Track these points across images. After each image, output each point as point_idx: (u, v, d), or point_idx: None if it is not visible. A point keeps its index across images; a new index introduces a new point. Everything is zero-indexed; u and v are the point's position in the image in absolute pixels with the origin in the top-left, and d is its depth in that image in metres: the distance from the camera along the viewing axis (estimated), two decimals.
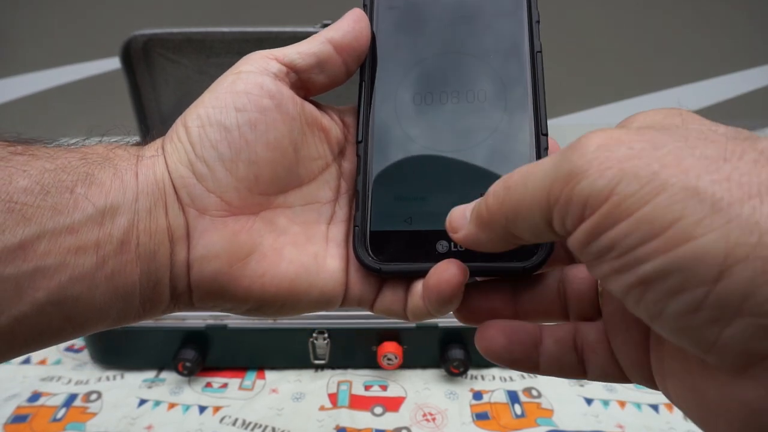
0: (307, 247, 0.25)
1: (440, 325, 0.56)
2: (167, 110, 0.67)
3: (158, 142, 0.24)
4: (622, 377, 0.22)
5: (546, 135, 0.25)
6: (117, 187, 0.22)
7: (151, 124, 0.66)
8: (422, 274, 0.23)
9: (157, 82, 0.65)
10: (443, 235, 0.23)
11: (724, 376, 0.16)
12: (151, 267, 0.22)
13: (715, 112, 1.01)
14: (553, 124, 0.27)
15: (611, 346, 0.22)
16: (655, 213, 0.15)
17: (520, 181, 0.18)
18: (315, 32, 0.25)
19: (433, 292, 0.22)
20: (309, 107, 0.25)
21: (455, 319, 0.25)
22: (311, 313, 0.31)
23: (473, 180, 0.24)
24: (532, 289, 0.24)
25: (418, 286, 0.24)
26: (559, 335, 0.22)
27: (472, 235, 0.21)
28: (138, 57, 0.62)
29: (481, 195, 0.20)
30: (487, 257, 0.23)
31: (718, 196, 0.14)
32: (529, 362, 0.22)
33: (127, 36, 0.60)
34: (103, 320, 0.22)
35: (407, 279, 0.24)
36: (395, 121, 0.26)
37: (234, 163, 0.23)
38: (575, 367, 0.22)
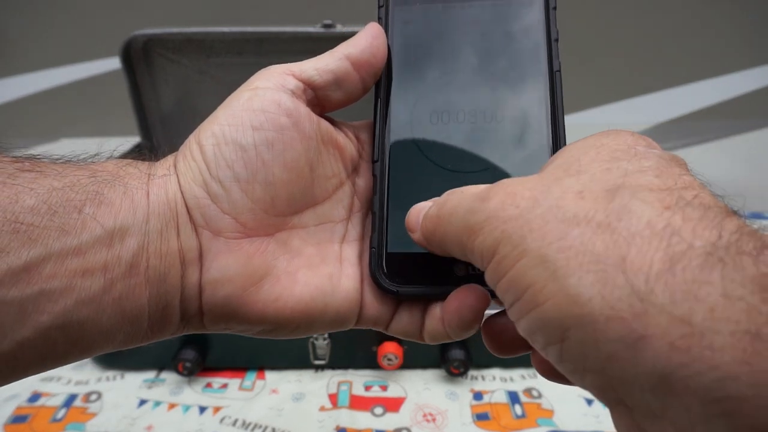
0: (321, 268, 0.24)
1: None
2: (167, 110, 0.67)
3: (170, 159, 0.24)
4: None
5: None
6: (127, 208, 0.21)
7: (151, 124, 0.66)
8: (440, 297, 0.23)
9: (157, 82, 0.65)
10: None
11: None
12: (161, 290, 0.21)
13: (715, 112, 1.01)
14: None
15: None
16: (517, 277, 0.16)
17: (446, 214, 0.20)
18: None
19: (454, 317, 0.22)
20: (325, 125, 0.25)
21: None
22: None
23: None
24: None
25: (436, 309, 0.23)
26: None
27: (422, 241, 0.22)
28: (138, 57, 0.62)
29: None
30: None
31: (558, 264, 0.15)
32: None
33: (127, 36, 0.60)
34: (109, 343, 0.21)
35: (425, 301, 0.24)
36: (411, 140, 0.25)
37: (250, 184, 0.22)
38: None
